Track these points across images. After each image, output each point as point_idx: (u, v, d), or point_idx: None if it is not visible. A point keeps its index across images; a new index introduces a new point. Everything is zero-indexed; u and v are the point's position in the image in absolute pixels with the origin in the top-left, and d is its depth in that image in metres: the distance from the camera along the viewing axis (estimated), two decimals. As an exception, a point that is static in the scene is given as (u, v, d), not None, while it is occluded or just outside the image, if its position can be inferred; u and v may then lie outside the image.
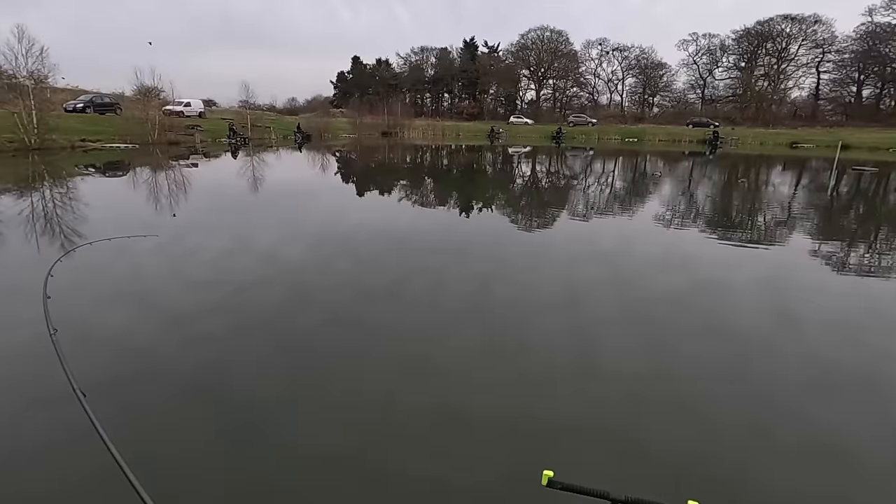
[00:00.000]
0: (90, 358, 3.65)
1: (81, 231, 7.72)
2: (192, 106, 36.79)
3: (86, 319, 4.35)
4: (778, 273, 6.31)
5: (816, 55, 53.15)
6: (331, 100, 67.02)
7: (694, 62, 60.48)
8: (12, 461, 2.58)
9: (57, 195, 11.37)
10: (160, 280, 5.50)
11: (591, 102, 64.99)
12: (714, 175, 20.98)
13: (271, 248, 7.00)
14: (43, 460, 2.58)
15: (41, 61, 22.24)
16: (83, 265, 6.04)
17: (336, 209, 10.72)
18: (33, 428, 2.85)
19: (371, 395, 3.26)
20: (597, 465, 2.64)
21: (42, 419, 2.91)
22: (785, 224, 9.85)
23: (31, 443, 2.71)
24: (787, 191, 15.51)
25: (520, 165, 24.32)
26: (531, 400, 3.23)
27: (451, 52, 65.85)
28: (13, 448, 2.68)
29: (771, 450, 2.77)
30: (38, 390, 3.18)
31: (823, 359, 3.89)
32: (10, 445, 2.70)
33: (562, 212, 11.00)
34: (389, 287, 5.38)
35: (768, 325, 4.54)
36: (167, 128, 29.01)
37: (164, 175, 16.14)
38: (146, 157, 21.71)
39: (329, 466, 2.58)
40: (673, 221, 9.86)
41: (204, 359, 3.69)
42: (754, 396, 3.31)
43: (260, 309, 4.69)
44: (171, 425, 2.90)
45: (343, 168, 21.40)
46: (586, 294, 5.26)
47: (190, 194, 12.19)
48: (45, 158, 19.33)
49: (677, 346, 4.06)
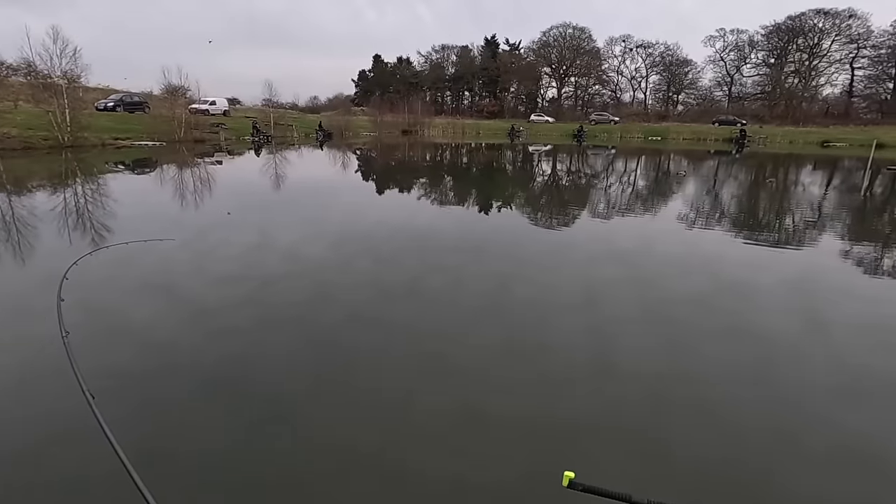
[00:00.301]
0: (113, 352, 3.77)
1: (112, 227, 7.97)
2: (217, 104, 37.52)
3: (111, 312, 4.50)
4: (806, 275, 6.13)
5: (851, 51, 51.29)
6: (352, 98, 67.55)
7: (721, 59, 59.09)
8: (21, 461, 2.59)
9: (88, 192, 11.75)
10: (185, 276, 5.64)
11: (614, 100, 64.06)
12: (740, 174, 20.48)
13: (293, 245, 7.11)
14: (52, 462, 2.58)
15: (74, 61, 22.98)
16: (111, 260, 6.24)
17: (356, 207, 10.82)
18: (45, 431, 2.83)
19: (391, 392, 3.29)
20: (616, 466, 2.61)
21: (54, 421, 2.88)
22: (814, 225, 9.56)
23: (41, 445, 2.71)
24: (817, 191, 15.04)
25: (540, 164, 24.14)
26: (550, 400, 3.22)
27: (472, 49, 65.72)
28: (23, 447, 2.69)
29: (797, 456, 2.71)
30: (51, 392, 3.16)
31: (853, 364, 3.77)
32: (20, 445, 2.71)
33: (582, 211, 10.89)
34: (409, 285, 5.41)
35: (795, 328, 4.42)
36: (193, 126, 29.66)
37: (190, 172, 16.52)
38: (173, 155, 22.24)
39: (349, 463, 2.61)
40: (696, 221, 9.66)
41: (226, 353, 3.77)
42: (780, 400, 3.23)
43: (282, 306, 4.76)
44: (193, 420, 2.98)
45: (363, 166, 21.57)
46: (606, 294, 5.20)
47: (214, 191, 12.46)
48: (77, 156, 19.97)
49: (699, 347, 3.99)
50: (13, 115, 23.06)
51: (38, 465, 2.56)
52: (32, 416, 2.95)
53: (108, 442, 1.61)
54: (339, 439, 2.79)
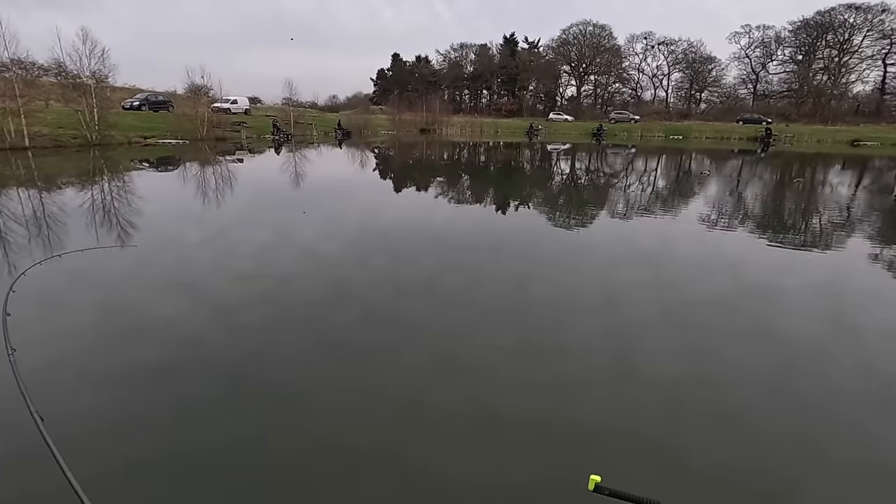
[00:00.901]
0: (137, 342, 3.86)
1: (136, 223, 8.16)
2: (239, 103, 38.08)
3: (145, 300, 4.61)
4: (833, 278, 5.95)
5: (883, 46, 49.49)
6: (371, 97, 67.88)
7: (746, 55, 57.64)
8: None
9: (115, 188, 12.06)
10: (205, 272, 5.74)
11: (635, 98, 63.06)
12: (765, 174, 19.97)
13: (311, 243, 7.18)
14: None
15: (102, 62, 23.60)
16: (134, 254, 6.40)
17: (374, 206, 10.88)
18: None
19: (405, 392, 3.30)
20: (635, 472, 2.57)
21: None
22: (843, 227, 9.26)
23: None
24: (845, 192, 14.58)
25: (558, 163, 23.92)
26: (568, 402, 3.19)
27: (491, 48, 65.36)
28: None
29: (823, 465, 2.63)
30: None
31: (881, 371, 3.65)
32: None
33: (601, 211, 10.75)
34: (425, 284, 5.42)
35: (821, 333, 4.30)
36: (215, 124, 30.19)
37: (212, 170, 16.82)
38: (195, 153, 22.67)
39: (361, 464, 2.62)
40: (719, 222, 9.45)
41: (243, 349, 3.83)
42: (805, 407, 3.14)
43: (300, 303, 4.82)
44: (206, 416, 3.04)
45: (381, 165, 21.67)
46: (625, 296, 5.13)
47: (236, 189, 12.66)
48: (105, 153, 20.52)
49: (721, 351, 3.91)
50: (44, 114, 23.77)
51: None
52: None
53: (58, 464, 1.54)
54: (351, 439, 2.80)
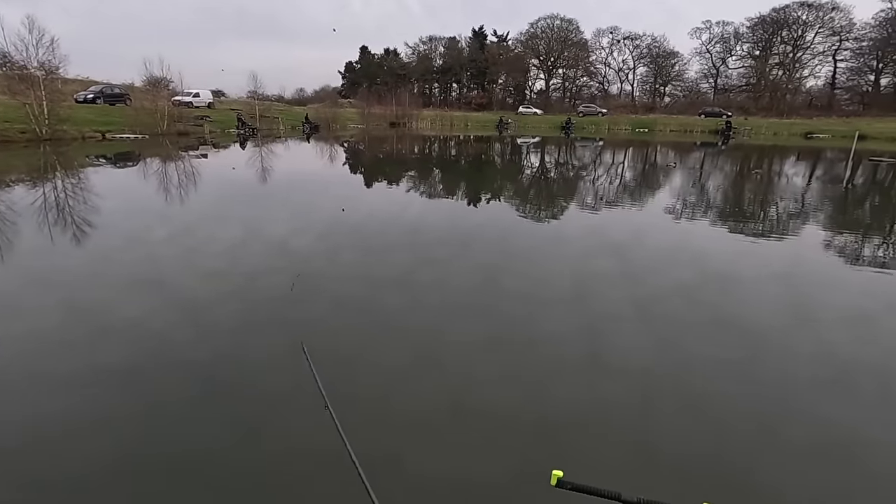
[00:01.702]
0: (100, 343, 3.69)
1: (94, 222, 7.80)
2: (201, 97, 36.79)
3: (97, 305, 4.40)
4: (791, 268, 6.22)
5: (833, 43, 51.91)
6: (339, 90, 66.82)
7: (707, 51, 59.45)
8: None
9: (68, 186, 11.49)
10: (171, 271, 5.54)
11: (602, 92, 64.17)
12: (726, 166, 20.69)
13: (281, 238, 7.02)
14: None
15: (52, 52, 22.33)
16: (94, 253, 6.12)
17: (345, 200, 10.71)
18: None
19: (376, 388, 3.26)
20: (604, 462, 2.63)
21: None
22: (798, 216, 9.69)
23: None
24: (800, 182, 15.26)
25: (528, 156, 24.14)
26: (537, 395, 3.22)
27: (460, 41, 65.25)
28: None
29: (784, 450, 2.74)
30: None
31: (838, 356, 3.83)
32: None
33: (571, 203, 10.91)
34: (398, 279, 5.38)
35: (781, 321, 4.48)
36: (176, 118, 29.13)
37: (175, 166, 16.22)
38: (156, 148, 21.83)
39: (334, 461, 2.58)
40: (683, 213, 9.74)
41: (211, 348, 3.72)
42: (766, 395, 3.26)
43: (269, 300, 4.71)
44: (177, 417, 2.93)
45: (351, 159, 21.38)
46: (594, 288, 5.23)
47: (200, 185, 12.25)
48: (57, 149, 19.50)
49: (687, 341, 4.03)
50: (-12, 108, 22.40)
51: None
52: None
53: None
54: (323, 437, 2.75)
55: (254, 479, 2.43)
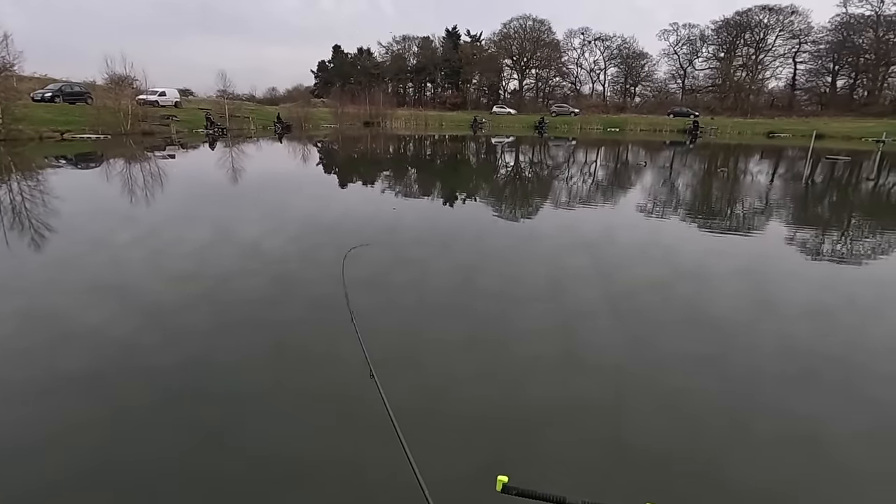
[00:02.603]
0: (62, 350, 3.53)
1: (54, 225, 7.47)
2: (168, 95, 35.67)
3: (59, 311, 4.21)
4: (755, 263, 6.42)
5: (793, 46, 54.03)
6: (312, 89, 65.84)
7: (674, 52, 60.96)
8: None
9: (26, 187, 10.97)
10: (139, 274, 5.34)
11: (574, 92, 65.06)
12: (694, 164, 21.27)
13: (253, 240, 6.86)
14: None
15: (6, 48, 21.38)
16: (54, 258, 5.86)
17: (319, 201, 10.56)
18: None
19: (348, 389, 3.19)
20: (570, 461, 2.62)
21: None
22: (762, 213, 10.03)
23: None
24: (763, 180, 15.80)
25: (503, 155, 24.28)
26: (510, 395, 3.22)
27: (434, 41, 65.18)
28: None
29: (744, 445, 2.78)
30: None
31: (800, 349, 3.96)
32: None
33: (545, 202, 11.02)
34: (372, 279, 5.32)
35: (746, 316, 4.61)
36: (141, 118, 28.19)
37: (140, 166, 15.68)
38: (120, 149, 21.07)
39: (310, 464, 2.54)
40: (654, 211, 9.95)
41: (182, 353, 3.60)
42: (734, 390, 3.33)
43: (241, 302, 4.59)
44: (147, 424, 2.83)
45: (325, 159, 21.09)
46: (569, 286, 5.28)
47: (168, 186, 11.87)
48: (12, 150, 18.62)
49: (657, 337, 4.09)
50: (-64, 106, 21.25)
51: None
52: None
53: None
54: (298, 442, 2.71)
55: (221, 486, 2.35)
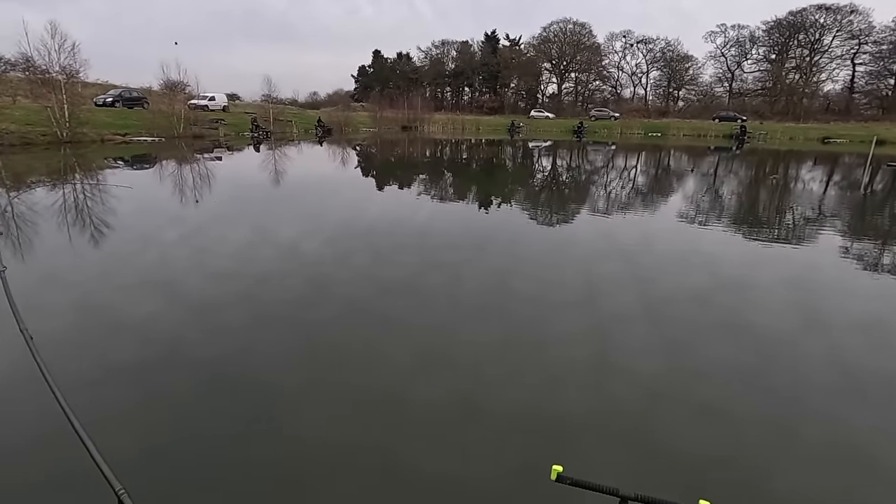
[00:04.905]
0: (108, 341, 3.77)
1: (111, 222, 7.96)
2: (217, 100, 37.36)
3: (112, 304, 4.49)
4: (805, 273, 6.13)
5: (852, 46, 51.05)
6: (351, 94, 67.34)
7: (722, 54, 58.82)
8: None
9: (88, 187, 11.73)
10: (183, 270, 5.63)
11: (614, 96, 63.80)
12: (741, 171, 20.45)
13: (293, 241, 7.10)
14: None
15: (73, 56, 22.88)
16: (110, 253, 6.24)
17: (356, 203, 10.81)
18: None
19: (387, 389, 3.30)
20: (610, 462, 2.62)
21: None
22: (815, 222, 9.54)
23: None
24: (817, 188, 15.02)
25: (540, 160, 24.09)
26: (546, 396, 3.22)
27: (472, 45, 65.40)
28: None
29: (790, 453, 2.71)
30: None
31: (850, 362, 3.77)
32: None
33: (582, 208, 10.87)
34: (407, 281, 5.41)
35: (793, 327, 4.42)
36: (192, 121, 29.59)
37: (190, 168, 16.48)
38: (172, 151, 22.19)
39: (343, 458, 2.62)
40: (696, 218, 9.65)
41: (224, 348, 3.78)
42: (776, 399, 3.23)
43: (280, 302, 4.76)
44: (191, 414, 2.99)
45: (363, 162, 21.53)
46: (605, 292, 5.20)
47: (214, 187, 12.43)
48: (76, 151, 19.93)
49: (697, 345, 3.99)
50: (11, 111, 22.98)
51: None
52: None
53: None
54: (335, 436, 2.80)
55: (268, 474, 2.46)
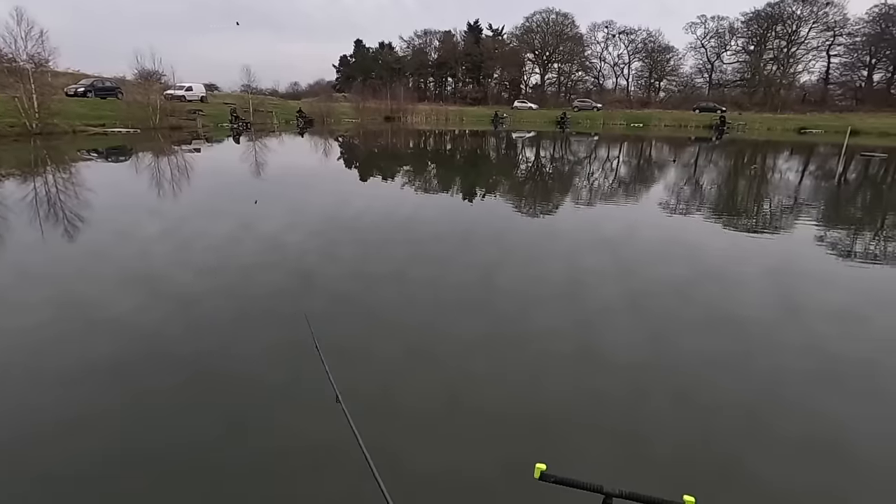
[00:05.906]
0: (91, 338, 3.67)
1: (85, 216, 7.73)
2: (194, 90, 36.44)
3: (93, 302, 4.37)
4: (782, 263, 6.26)
5: (827, 38, 52.02)
6: (333, 84, 66.41)
7: (702, 45, 59.42)
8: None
9: (60, 181, 11.37)
10: (164, 265, 5.51)
11: (597, 87, 64.09)
12: (720, 161, 20.77)
13: (275, 234, 6.99)
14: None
15: (41, 44, 22.03)
16: (86, 248, 6.07)
17: (339, 195, 10.68)
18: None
19: (371, 384, 3.27)
20: (595, 456, 2.64)
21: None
22: (791, 212, 9.75)
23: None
24: (793, 177, 15.35)
25: (524, 151, 24.13)
26: (530, 391, 3.23)
27: (455, 35, 64.94)
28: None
29: (770, 444, 2.76)
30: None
31: (826, 351, 3.86)
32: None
33: (565, 199, 10.93)
34: (393, 275, 5.37)
35: (771, 316, 4.52)
36: (169, 112, 28.86)
37: (168, 160, 16.09)
38: (148, 143, 21.64)
39: (330, 458, 2.59)
40: (677, 209, 9.78)
41: (205, 343, 3.71)
42: (755, 389, 3.29)
43: (263, 296, 4.69)
44: (174, 409, 2.93)
45: (346, 153, 21.29)
46: (589, 284, 5.24)
47: (193, 179, 12.17)
48: (48, 143, 19.29)
49: (679, 336, 4.05)
50: (-24, 101, 22.11)
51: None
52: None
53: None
54: (319, 434, 2.77)
55: (252, 470, 2.43)
